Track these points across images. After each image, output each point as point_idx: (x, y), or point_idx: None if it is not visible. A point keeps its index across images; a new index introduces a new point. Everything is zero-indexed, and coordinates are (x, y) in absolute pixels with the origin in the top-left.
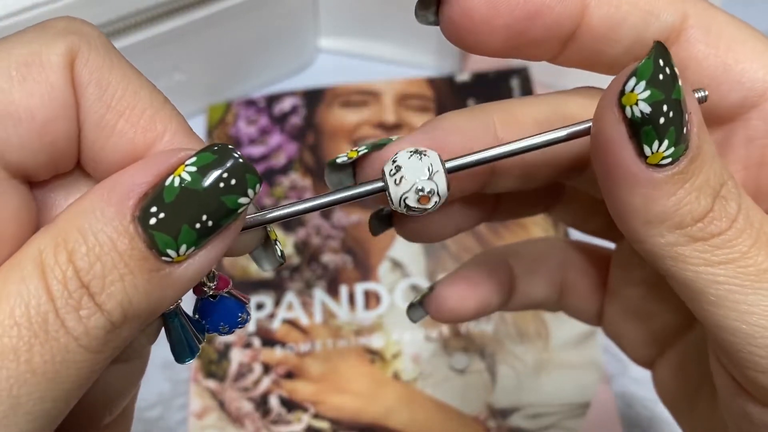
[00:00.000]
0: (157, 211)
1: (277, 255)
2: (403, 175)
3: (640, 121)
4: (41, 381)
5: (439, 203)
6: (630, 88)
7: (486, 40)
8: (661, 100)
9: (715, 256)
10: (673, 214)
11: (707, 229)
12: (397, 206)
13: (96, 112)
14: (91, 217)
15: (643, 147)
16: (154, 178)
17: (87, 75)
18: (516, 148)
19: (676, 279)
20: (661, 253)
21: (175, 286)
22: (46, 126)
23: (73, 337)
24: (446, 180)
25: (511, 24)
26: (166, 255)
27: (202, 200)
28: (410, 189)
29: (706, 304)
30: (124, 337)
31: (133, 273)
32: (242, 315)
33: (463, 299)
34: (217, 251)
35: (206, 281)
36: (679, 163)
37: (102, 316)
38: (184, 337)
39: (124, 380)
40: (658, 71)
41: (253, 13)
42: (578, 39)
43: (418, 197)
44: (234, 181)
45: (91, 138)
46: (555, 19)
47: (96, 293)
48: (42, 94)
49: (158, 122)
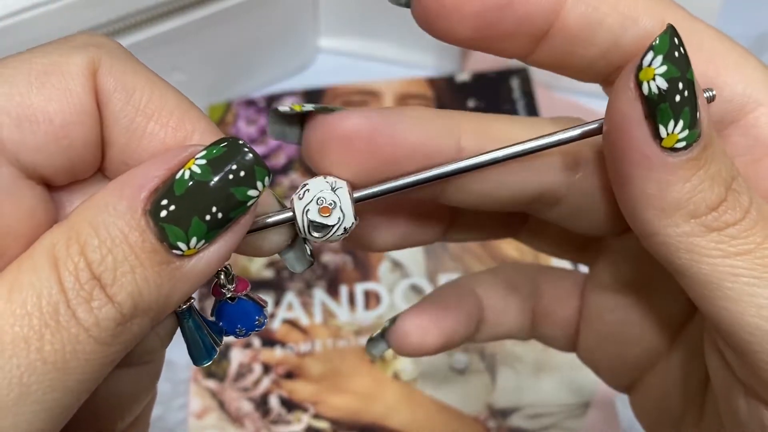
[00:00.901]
0: (168, 203)
1: (307, 254)
2: (307, 189)
3: (657, 98)
4: (51, 370)
5: (342, 221)
6: (648, 62)
7: (455, 27)
8: (677, 77)
9: (731, 246)
10: (688, 201)
11: (722, 219)
12: (301, 224)
13: (125, 116)
14: (103, 211)
15: (658, 128)
16: (166, 172)
17: (112, 82)
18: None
19: (690, 274)
20: (675, 244)
21: (186, 280)
22: (64, 129)
23: (83, 328)
24: (351, 200)
25: (481, 12)
26: (176, 248)
27: (211, 193)
28: (312, 200)
29: (723, 300)
30: (135, 332)
31: (143, 265)
32: (260, 318)
33: (426, 333)
34: (228, 246)
35: (225, 283)
36: (693, 148)
37: (113, 308)
38: (200, 338)
39: (137, 385)
40: (674, 48)
41: (253, 13)
42: (552, 38)
43: (318, 208)
44: (243, 174)
45: (121, 142)
46: (528, 12)
47: (107, 285)
48: (60, 99)
49: (187, 123)
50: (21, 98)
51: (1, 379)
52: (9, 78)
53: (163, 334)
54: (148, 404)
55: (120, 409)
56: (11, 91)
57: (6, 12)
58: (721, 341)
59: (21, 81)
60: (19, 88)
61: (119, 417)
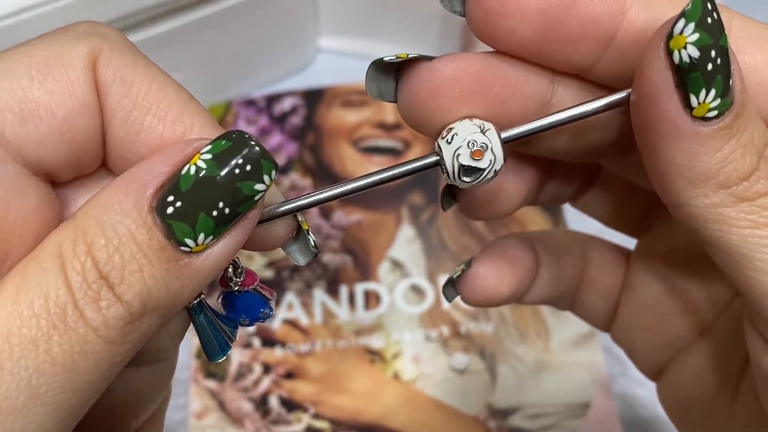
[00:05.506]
0: (174, 200)
1: (311, 246)
2: (455, 133)
3: (688, 66)
4: (60, 371)
5: (494, 164)
6: (679, 30)
7: (517, 27)
8: (709, 45)
9: (762, 217)
10: (718, 172)
11: (753, 188)
12: (451, 170)
13: (123, 109)
14: (109, 209)
15: (689, 97)
16: (171, 168)
17: (111, 74)
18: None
19: (720, 245)
20: (704, 215)
21: (195, 277)
22: (67, 123)
23: (92, 328)
24: (500, 140)
25: (544, 9)
26: (184, 245)
27: (218, 188)
28: (462, 144)
29: (752, 271)
30: (145, 331)
31: (151, 263)
32: (264, 311)
33: (501, 279)
34: (236, 241)
35: (233, 276)
36: (724, 117)
37: (121, 307)
38: (213, 334)
39: (150, 383)
40: (707, 14)
41: (253, 13)
42: (619, 43)
43: (470, 152)
44: (249, 168)
45: (119, 135)
46: (592, 13)
47: (115, 284)
48: (63, 92)
49: (186, 117)
50: (23, 93)
51: (10, 381)
52: (10, 72)
53: (174, 332)
54: (162, 402)
55: (134, 407)
56: (13, 85)
57: (6, 12)
58: (757, 317)
59: (22, 74)
60: (20, 82)
61: (133, 415)
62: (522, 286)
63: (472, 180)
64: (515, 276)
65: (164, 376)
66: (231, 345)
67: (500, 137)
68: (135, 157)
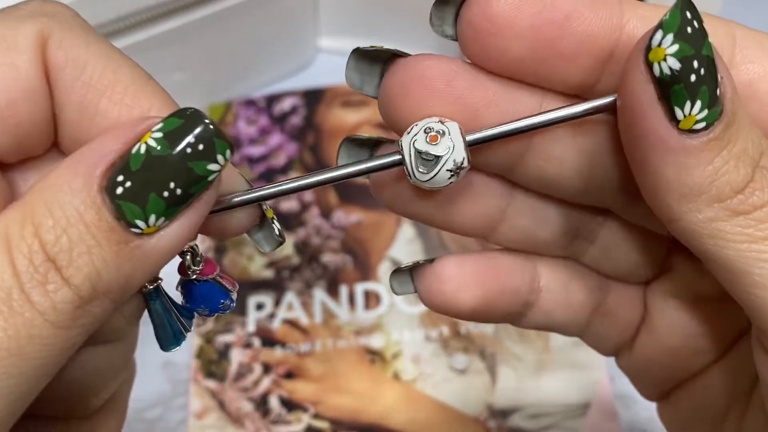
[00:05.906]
0: (124, 180)
1: (275, 234)
2: (415, 125)
3: (670, 79)
4: (5, 356)
5: (452, 152)
6: (657, 42)
7: (510, 45)
8: (691, 56)
9: (759, 230)
10: (710, 185)
11: (749, 201)
12: (408, 160)
13: (76, 92)
14: (57, 190)
15: (674, 110)
16: (122, 147)
17: (62, 56)
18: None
19: (717, 260)
20: (698, 230)
21: (147, 259)
22: (10, 109)
23: (38, 312)
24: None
25: (537, 26)
26: (135, 226)
27: (169, 167)
28: (419, 131)
29: (751, 287)
30: (96, 314)
31: (101, 245)
32: (224, 302)
33: (462, 288)
34: (191, 223)
35: (191, 264)
36: (713, 128)
37: (69, 291)
38: (168, 322)
39: (108, 362)
40: (686, 24)
41: (253, 13)
42: (619, 59)
43: (427, 137)
44: (202, 147)
45: (73, 119)
46: (587, 29)
47: (63, 267)
48: (6, 76)
49: (143, 99)
50: None
51: None
52: None
53: (129, 314)
54: (125, 382)
55: (92, 386)
56: None
57: None
58: (761, 333)
59: None
60: None
61: (92, 394)
62: (494, 304)
63: (428, 171)
64: (486, 290)
65: (122, 355)
66: (185, 335)
67: (463, 135)
68: (90, 140)
